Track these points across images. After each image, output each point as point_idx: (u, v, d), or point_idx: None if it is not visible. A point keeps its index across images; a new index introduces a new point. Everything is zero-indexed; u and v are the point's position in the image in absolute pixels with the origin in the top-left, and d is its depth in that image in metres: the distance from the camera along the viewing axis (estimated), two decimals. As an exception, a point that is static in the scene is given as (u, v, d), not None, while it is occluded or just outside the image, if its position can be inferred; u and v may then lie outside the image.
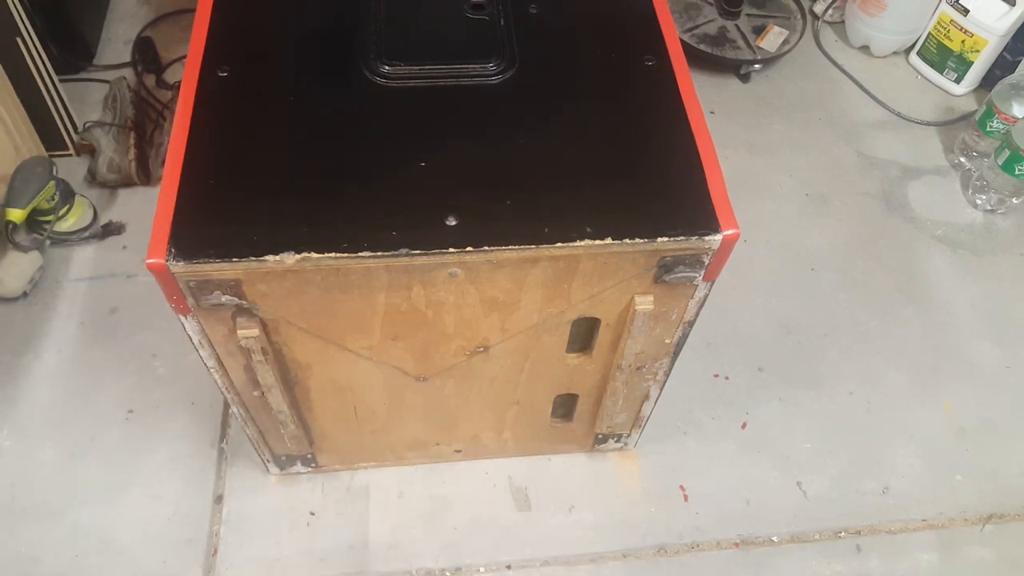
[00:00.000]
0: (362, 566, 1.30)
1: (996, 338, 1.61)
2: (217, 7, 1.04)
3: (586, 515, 1.36)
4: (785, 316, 1.62)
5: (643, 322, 1.00)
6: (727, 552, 1.34)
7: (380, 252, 0.85)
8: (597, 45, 1.05)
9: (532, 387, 1.17)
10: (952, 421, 1.50)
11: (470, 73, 1.00)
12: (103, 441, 1.40)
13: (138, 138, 1.73)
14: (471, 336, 1.02)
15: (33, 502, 1.33)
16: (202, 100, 0.95)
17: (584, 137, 0.97)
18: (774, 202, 1.80)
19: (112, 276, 1.59)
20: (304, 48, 1.03)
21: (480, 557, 1.31)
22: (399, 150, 0.93)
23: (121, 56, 1.95)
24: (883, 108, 1.99)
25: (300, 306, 0.92)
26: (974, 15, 1.88)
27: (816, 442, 1.46)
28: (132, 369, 1.48)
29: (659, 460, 1.43)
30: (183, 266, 0.83)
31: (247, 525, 1.33)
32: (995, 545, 1.37)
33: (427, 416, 1.22)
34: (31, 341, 1.50)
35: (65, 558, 1.28)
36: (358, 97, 0.98)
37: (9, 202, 1.48)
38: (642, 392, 1.21)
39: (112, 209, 1.69)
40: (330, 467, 1.37)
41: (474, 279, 0.91)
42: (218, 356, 0.99)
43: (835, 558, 1.34)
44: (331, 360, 1.03)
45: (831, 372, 1.55)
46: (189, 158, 0.90)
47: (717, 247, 0.90)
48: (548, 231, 0.87)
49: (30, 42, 1.56)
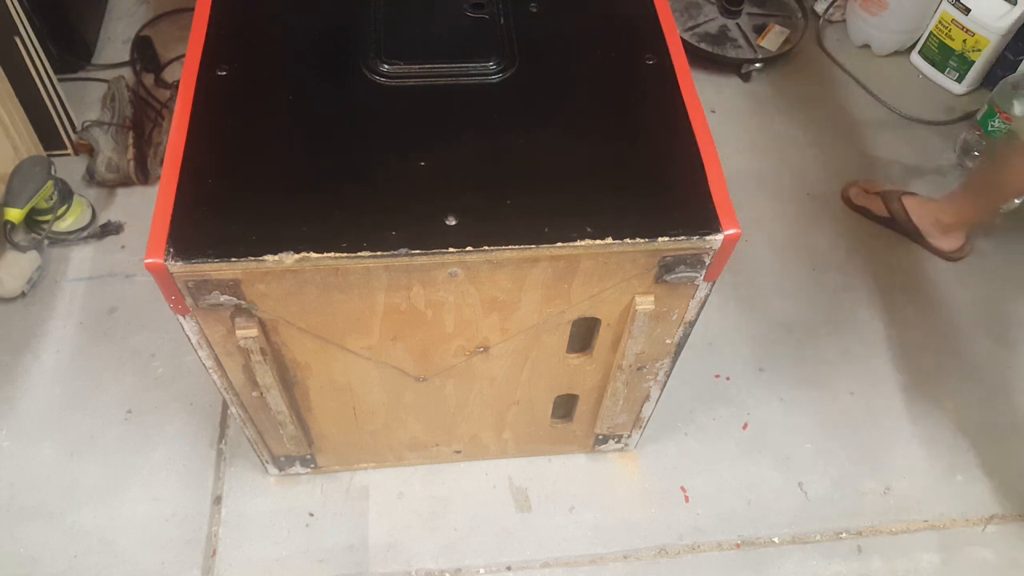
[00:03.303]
0: (361, 567, 1.29)
1: (996, 338, 1.60)
2: (216, 6, 1.04)
3: (586, 516, 1.36)
4: (786, 316, 1.62)
5: (644, 322, 0.99)
6: (728, 553, 1.34)
7: (379, 252, 0.84)
8: (598, 44, 1.05)
9: (532, 387, 1.16)
10: (953, 421, 1.50)
11: (470, 72, 1.00)
12: (102, 441, 1.39)
13: (137, 137, 1.73)
14: (471, 336, 1.01)
15: (32, 502, 1.33)
16: (201, 99, 0.95)
17: (584, 136, 0.96)
18: (775, 202, 1.80)
19: (111, 276, 1.59)
20: (303, 47, 1.02)
21: (480, 558, 1.31)
22: (399, 149, 0.93)
23: (120, 55, 1.94)
24: (884, 107, 1.98)
25: (299, 306, 0.92)
26: (975, 14, 1.88)
27: (817, 442, 1.46)
28: (131, 369, 1.47)
29: (660, 461, 1.42)
30: (182, 266, 0.83)
31: (246, 526, 1.32)
32: (996, 545, 1.36)
33: (427, 417, 1.21)
34: (30, 341, 1.50)
35: (64, 558, 1.28)
36: (358, 96, 0.97)
37: (7, 202, 1.48)
38: (643, 392, 1.20)
39: (111, 209, 1.69)
40: (329, 468, 1.36)
41: (474, 279, 0.90)
42: (217, 356, 0.99)
43: (836, 559, 1.34)
44: (330, 360, 1.03)
45: (832, 372, 1.55)
46: (188, 157, 0.90)
47: (718, 247, 0.90)
48: (548, 231, 0.87)
49: (29, 41, 1.56)
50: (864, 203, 1.76)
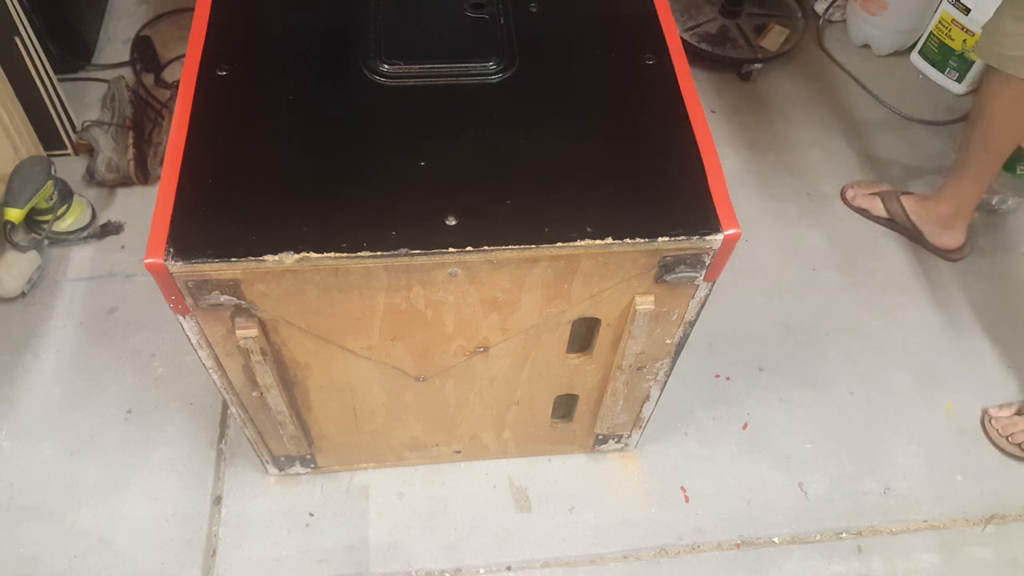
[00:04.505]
0: (361, 567, 1.29)
1: (996, 338, 1.60)
2: (216, 6, 1.04)
3: (586, 516, 1.36)
4: (786, 316, 1.62)
5: (644, 322, 0.99)
6: (728, 553, 1.34)
7: (379, 252, 0.84)
8: (598, 44, 1.05)
9: (532, 387, 1.16)
10: (953, 421, 1.49)
11: (470, 72, 1.00)
12: (102, 441, 1.39)
13: (137, 137, 1.73)
14: (471, 336, 1.01)
15: (32, 502, 1.33)
16: (201, 99, 0.95)
17: (584, 136, 0.96)
18: (775, 201, 1.80)
19: (111, 276, 1.59)
20: (303, 47, 1.02)
21: (480, 558, 1.31)
22: (399, 149, 0.93)
23: (120, 55, 1.94)
24: (884, 107, 1.98)
25: (299, 306, 0.92)
26: (975, 14, 1.88)
27: (817, 442, 1.46)
28: (131, 369, 1.47)
29: (660, 461, 1.42)
30: (182, 266, 0.83)
31: (246, 526, 1.32)
32: (996, 546, 1.36)
33: (427, 417, 1.21)
34: (30, 341, 1.50)
35: (64, 558, 1.28)
36: (358, 96, 0.97)
37: (7, 202, 1.48)
38: (643, 392, 1.20)
39: (111, 209, 1.69)
40: (329, 468, 1.36)
41: (474, 279, 0.90)
42: (217, 356, 0.99)
43: (836, 559, 1.34)
44: (330, 360, 1.03)
45: (832, 372, 1.54)
46: (188, 157, 0.90)
47: (718, 247, 0.90)
48: (548, 231, 0.87)
49: (29, 41, 1.56)
50: (864, 203, 1.76)
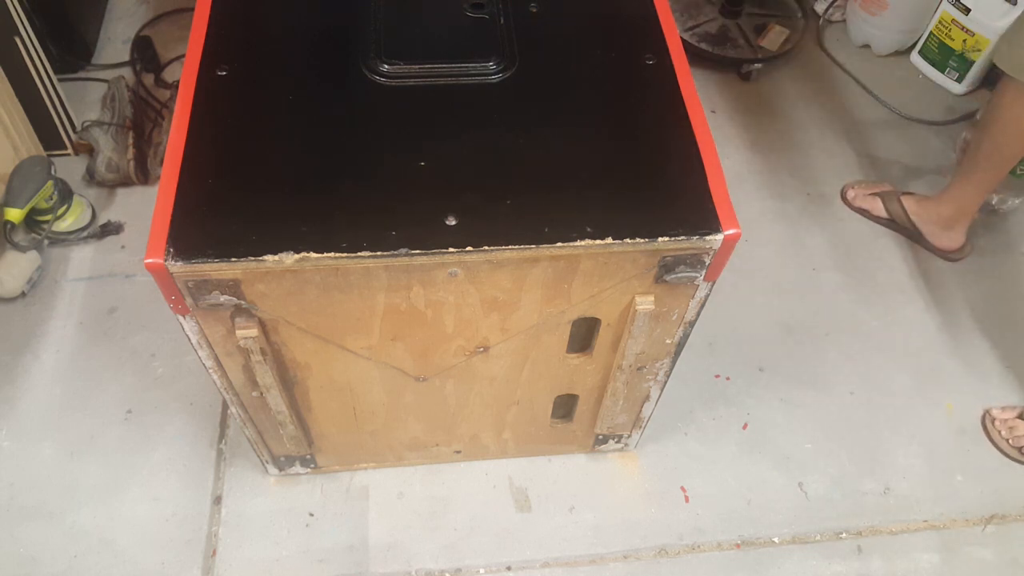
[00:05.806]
0: (361, 567, 1.29)
1: (996, 338, 1.60)
2: (216, 6, 1.04)
3: (586, 516, 1.36)
4: (786, 316, 1.61)
5: (644, 322, 0.99)
6: (728, 553, 1.34)
7: (379, 252, 0.84)
8: (598, 44, 1.05)
9: (532, 387, 1.16)
10: (953, 421, 1.49)
11: (470, 72, 1.00)
12: (102, 441, 1.39)
13: (137, 137, 1.73)
14: (471, 336, 1.01)
15: (32, 502, 1.33)
16: (201, 99, 0.95)
17: (584, 136, 0.96)
18: (775, 201, 1.80)
19: (111, 276, 1.59)
20: (303, 47, 1.02)
21: (480, 558, 1.31)
22: (399, 149, 0.93)
23: (120, 55, 1.94)
24: (884, 107, 1.98)
25: (299, 306, 0.92)
26: (975, 14, 1.88)
27: (817, 442, 1.46)
28: (131, 369, 1.47)
29: (660, 461, 1.42)
30: (181, 266, 0.83)
31: (246, 526, 1.32)
32: (996, 546, 1.36)
33: (427, 417, 1.21)
34: (30, 341, 1.50)
35: (64, 558, 1.28)
36: (358, 96, 0.97)
37: (7, 202, 1.48)
38: (643, 392, 1.20)
39: (111, 209, 1.69)
40: (329, 468, 1.36)
41: (474, 279, 0.90)
42: (217, 356, 0.99)
43: (836, 559, 1.34)
44: (330, 360, 1.03)
45: (832, 372, 1.54)
46: (188, 157, 0.90)
47: (718, 247, 0.90)
48: (548, 231, 0.87)
49: (28, 41, 1.56)
50: (864, 204, 1.76)
